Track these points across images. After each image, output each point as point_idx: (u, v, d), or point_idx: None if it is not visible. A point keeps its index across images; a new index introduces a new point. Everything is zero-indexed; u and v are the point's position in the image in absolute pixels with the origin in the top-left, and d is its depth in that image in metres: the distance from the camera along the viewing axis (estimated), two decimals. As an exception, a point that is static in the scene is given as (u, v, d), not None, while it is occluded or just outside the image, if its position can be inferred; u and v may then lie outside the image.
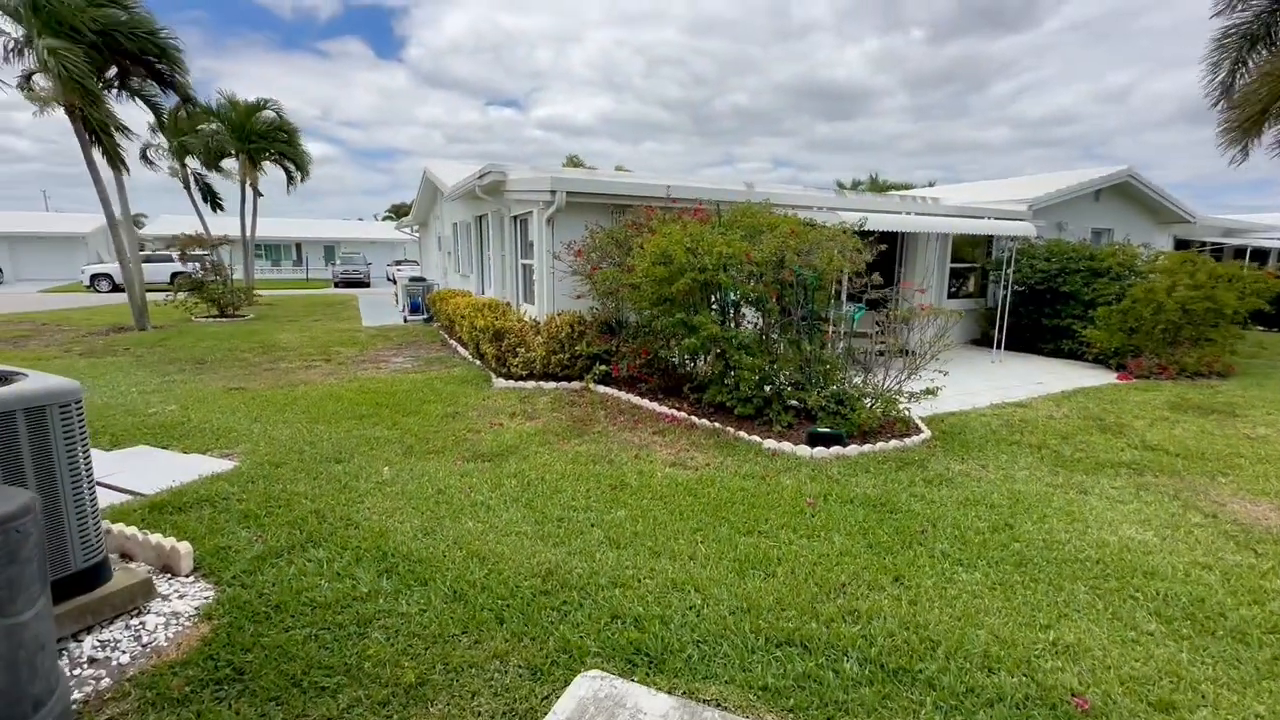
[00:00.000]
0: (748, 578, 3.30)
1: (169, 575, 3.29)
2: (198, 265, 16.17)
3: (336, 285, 31.00)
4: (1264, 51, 10.57)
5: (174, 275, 19.42)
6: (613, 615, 2.92)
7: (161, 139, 18.72)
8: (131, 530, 3.47)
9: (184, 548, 3.32)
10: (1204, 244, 16.68)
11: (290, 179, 21.85)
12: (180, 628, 2.83)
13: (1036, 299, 11.03)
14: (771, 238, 6.01)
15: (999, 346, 10.68)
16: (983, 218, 10.93)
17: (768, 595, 3.12)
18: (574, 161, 51.46)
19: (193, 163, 20.12)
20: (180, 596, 3.09)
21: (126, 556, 3.46)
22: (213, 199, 20.96)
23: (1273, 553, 3.72)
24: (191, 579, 3.26)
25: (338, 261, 34.80)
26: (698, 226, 6.41)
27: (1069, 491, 4.66)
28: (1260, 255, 18.91)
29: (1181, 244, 15.94)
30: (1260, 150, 11.37)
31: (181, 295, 15.69)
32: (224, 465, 4.92)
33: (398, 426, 6.00)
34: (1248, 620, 3.00)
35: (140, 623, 2.85)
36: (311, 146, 33.26)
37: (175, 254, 17.71)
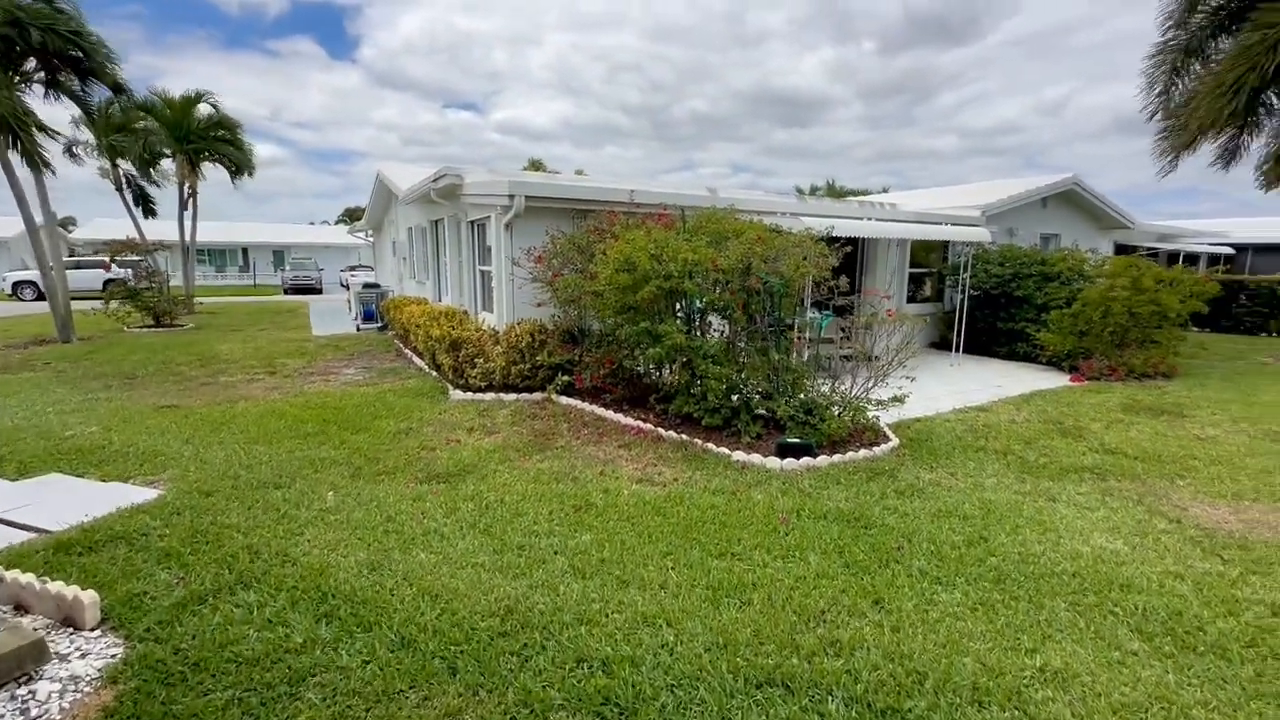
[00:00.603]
0: (722, 607, 3.10)
1: (71, 630, 2.89)
2: (130, 271, 15.17)
3: (286, 292, 29.77)
4: (1198, 66, 11.06)
5: (107, 282, 18.23)
6: (579, 658, 2.68)
7: (89, 135, 17.53)
8: (28, 578, 3.05)
9: (88, 597, 2.92)
10: (1141, 248, 17.45)
11: (235, 177, 20.78)
12: (79, 695, 2.46)
13: (992, 303, 11.25)
14: (737, 244, 5.86)
15: (957, 350, 10.84)
16: (941, 223, 11.09)
17: (744, 627, 2.92)
18: (536, 165, 50.93)
19: (125, 164, 18.93)
20: (82, 656, 2.70)
21: (22, 609, 3.04)
22: (145, 203, 19.75)
23: (1238, 559, 3.74)
24: (97, 633, 2.87)
25: (287, 267, 33.40)
26: (662, 232, 6.22)
27: (1038, 499, 4.63)
28: (1192, 259, 19.96)
29: (1121, 248, 16.62)
30: (1191, 160, 11.93)
31: (114, 304, 14.68)
32: (147, 495, 4.47)
33: (346, 445, 5.61)
34: (1226, 634, 2.96)
35: (30, 692, 2.47)
36: (260, 148, 31.99)
37: (108, 259, 16.60)
